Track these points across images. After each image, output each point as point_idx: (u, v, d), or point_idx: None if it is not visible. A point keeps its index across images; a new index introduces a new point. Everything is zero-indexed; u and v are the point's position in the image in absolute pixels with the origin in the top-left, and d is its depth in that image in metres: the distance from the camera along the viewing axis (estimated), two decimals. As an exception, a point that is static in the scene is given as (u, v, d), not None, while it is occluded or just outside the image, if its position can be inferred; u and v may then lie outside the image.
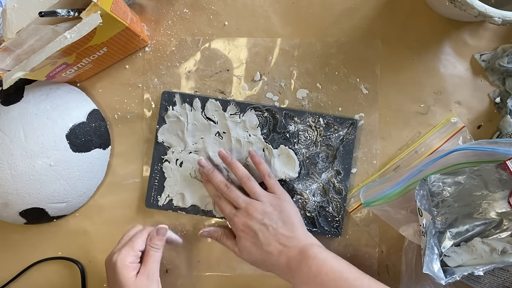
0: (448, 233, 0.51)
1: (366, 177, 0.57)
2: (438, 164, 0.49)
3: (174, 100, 0.57)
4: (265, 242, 0.49)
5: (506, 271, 0.47)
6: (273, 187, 0.53)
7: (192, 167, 0.57)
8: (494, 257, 0.48)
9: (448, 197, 0.50)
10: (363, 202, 0.53)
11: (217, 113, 0.57)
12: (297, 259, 0.47)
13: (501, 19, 0.44)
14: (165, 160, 0.57)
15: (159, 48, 0.59)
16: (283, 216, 0.50)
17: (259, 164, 0.54)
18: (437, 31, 0.56)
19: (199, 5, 0.59)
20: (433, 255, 0.45)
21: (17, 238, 0.60)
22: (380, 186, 0.53)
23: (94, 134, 0.57)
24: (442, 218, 0.52)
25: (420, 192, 0.47)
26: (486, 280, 0.48)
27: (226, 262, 0.58)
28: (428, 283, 0.50)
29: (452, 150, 0.48)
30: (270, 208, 0.51)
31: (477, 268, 0.44)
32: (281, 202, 0.52)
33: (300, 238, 0.49)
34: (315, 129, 0.56)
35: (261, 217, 0.50)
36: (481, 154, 0.47)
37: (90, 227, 0.59)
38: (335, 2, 0.57)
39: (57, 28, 0.45)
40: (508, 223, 0.50)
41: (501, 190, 0.49)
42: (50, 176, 0.53)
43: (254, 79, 0.58)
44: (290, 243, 0.49)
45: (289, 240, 0.49)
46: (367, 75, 0.57)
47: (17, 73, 0.46)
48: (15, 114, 0.54)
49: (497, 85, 0.56)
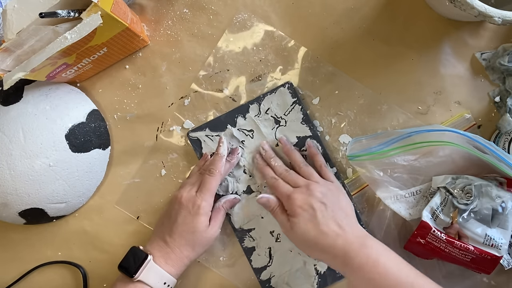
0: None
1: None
2: (431, 135, 0.50)
3: (203, 139, 0.58)
4: (323, 221, 0.48)
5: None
6: (329, 177, 0.53)
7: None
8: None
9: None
10: (347, 154, 0.54)
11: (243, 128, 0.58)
12: (355, 245, 0.46)
13: (501, 19, 0.44)
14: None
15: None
16: (341, 204, 0.50)
17: (315, 155, 0.55)
18: (437, 31, 0.56)
19: (199, 5, 0.58)
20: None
21: (16, 238, 0.60)
22: (367, 142, 0.54)
23: (93, 134, 0.57)
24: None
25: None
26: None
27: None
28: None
29: (451, 129, 0.49)
30: (330, 192, 0.51)
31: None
32: (339, 190, 0.52)
33: (357, 227, 0.49)
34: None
35: (321, 196, 0.49)
36: (474, 144, 0.48)
37: (90, 227, 0.59)
38: (335, 2, 0.57)
39: (58, 28, 0.45)
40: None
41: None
42: (49, 176, 0.53)
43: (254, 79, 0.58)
44: (348, 229, 0.47)
45: (347, 226, 0.48)
46: (367, 75, 0.57)
47: (17, 73, 0.45)
48: (15, 114, 0.53)
49: (497, 84, 0.56)
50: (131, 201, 0.59)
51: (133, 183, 0.59)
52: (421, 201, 0.52)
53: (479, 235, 0.48)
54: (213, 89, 0.58)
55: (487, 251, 0.47)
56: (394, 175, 0.53)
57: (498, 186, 0.49)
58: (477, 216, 0.48)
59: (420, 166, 0.52)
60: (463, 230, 0.49)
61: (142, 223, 0.59)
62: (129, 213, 0.59)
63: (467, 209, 0.48)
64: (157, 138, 0.59)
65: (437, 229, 0.49)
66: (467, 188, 0.49)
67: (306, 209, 0.49)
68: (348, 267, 0.45)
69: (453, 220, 0.49)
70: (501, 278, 0.53)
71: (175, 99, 0.59)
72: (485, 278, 0.53)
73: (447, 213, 0.49)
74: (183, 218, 0.51)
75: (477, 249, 0.47)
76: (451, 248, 0.48)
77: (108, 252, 0.59)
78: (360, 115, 0.57)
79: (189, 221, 0.51)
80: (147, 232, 0.59)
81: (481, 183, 0.49)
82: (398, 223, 0.54)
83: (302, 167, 0.54)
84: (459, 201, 0.49)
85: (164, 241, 0.51)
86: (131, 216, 0.59)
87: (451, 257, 0.49)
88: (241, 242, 0.57)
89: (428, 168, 0.52)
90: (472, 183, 0.49)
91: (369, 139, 0.54)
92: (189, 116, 0.59)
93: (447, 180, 0.50)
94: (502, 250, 0.47)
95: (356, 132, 0.57)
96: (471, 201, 0.48)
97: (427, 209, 0.50)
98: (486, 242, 0.48)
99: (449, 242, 0.48)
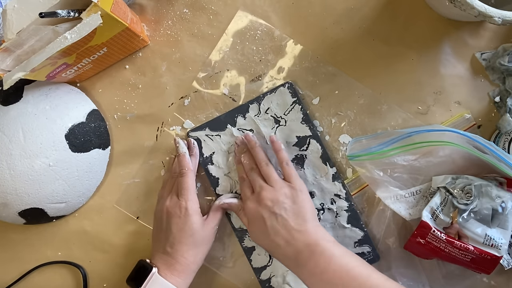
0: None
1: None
2: (431, 135, 0.50)
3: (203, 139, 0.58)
4: (273, 231, 0.48)
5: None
6: (290, 176, 0.52)
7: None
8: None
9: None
10: (347, 154, 0.54)
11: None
12: (304, 254, 0.46)
13: (501, 19, 0.44)
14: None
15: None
16: (295, 208, 0.49)
17: (278, 151, 0.54)
18: (437, 31, 0.56)
19: (199, 5, 0.58)
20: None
21: (16, 238, 0.60)
22: (367, 141, 0.54)
23: (93, 134, 0.57)
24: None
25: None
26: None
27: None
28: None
29: (451, 130, 0.49)
30: (283, 197, 0.50)
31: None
32: (296, 192, 0.50)
33: (310, 232, 0.48)
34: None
35: (271, 205, 0.49)
36: (474, 144, 0.48)
37: (90, 227, 0.59)
38: (335, 2, 0.57)
39: (58, 28, 0.45)
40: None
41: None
42: (49, 176, 0.53)
43: (254, 79, 0.58)
44: (298, 237, 0.47)
45: (298, 234, 0.48)
46: (367, 75, 0.57)
47: (17, 73, 0.45)
48: (14, 114, 0.53)
49: (497, 84, 0.56)
50: (131, 201, 0.59)
51: (133, 183, 0.59)
52: (421, 201, 0.52)
53: (479, 235, 0.48)
54: (213, 88, 0.58)
55: (487, 251, 0.47)
56: (394, 175, 0.53)
57: (498, 186, 0.49)
58: (477, 216, 0.49)
59: (420, 166, 0.52)
60: (463, 230, 0.49)
61: (142, 223, 0.59)
62: (129, 213, 0.59)
63: (467, 209, 0.48)
64: (157, 138, 0.59)
65: (437, 229, 0.49)
66: (467, 188, 0.49)
67: (257, 218, 0.50)
68: (301, 274, 0.47)
69: (453, 220, 0.49)
70: (501, 278, 0.53)
71: (175, 99, 0.59)
72: (485, 278, 0.53)
73: (447, 213, 0.49)
74: (176, 225, 0.51)
75: (477, 249, 0.47)
76: (451, 248, 0.48)
77: (108, 252, 0.59)
78: (360, 115, 0.57)
79: (183, 226, 0.51)
80: (147, 232, 0.59)
81: (481, 183, 0.49)
82: (398, 223, 0.54)
83: (262, 167, 0.53)
84: (459, 201, 0.49)
85: (166, 253, 0.51)
86: (131, 216, 0.59)
87: (451, 257, 0.49)
88: (241, 241, 0.57)
89: (428, 168, 0.52)
90: (472, 183, 0.49)
91: (369, 139, 0.54)
92: (189, 116, 0.59)
93: (447, 180, 0.50)
94: (502, 250, 0.47)
95: (356, 132, 0.57)
96: (471, 201, 0.48)
97: (427, 209, 0.50)
98: (486, 242, 0.48)
99: (449, 242, 0.48)
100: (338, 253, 0.46)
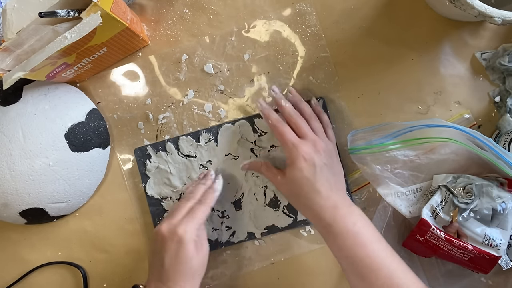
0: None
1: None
2: (431, 131, 0.50)
3: (148, 153, 0.58)
4: (320, 180, 0.48)
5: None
6: (333, 139, 0.54)
7: None
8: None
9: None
10: (348, 147, 0.54)
11: (192, 147, 0.57)
12: (343, 210, 0.46)
13: (501, 19, 0.44)
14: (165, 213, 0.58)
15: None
16: (335, 168, 0.51)
17: (321, 113, 0.55)
18: (437, 31, 0.56)
19: (199, 5, 0.58)
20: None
21: (17, 238, 0.60)
22: (368, 134, 0.54)
23: (93, 133, 0.56)
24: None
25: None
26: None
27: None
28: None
29: (451, 125, 0.49)
30: (330, 154, 0.51)
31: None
32: (336, 155, 0.53)
33: (345, 194, 0.50)
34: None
35: (324, 156, 0.49)
36: (474, 141, 0.48)
37: (90, 227, 0.59)
38: (335, 2, 0.57)
39: (57, 28, 0.45)
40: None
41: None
42: (49, 176, 0.53)
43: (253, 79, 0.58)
44: (339, 193, 0.48)
45: (339, 190, 0.49)
46: (367, 75, 0.57)
47: (17, 73, 0.45)
48: (14, 114, 0.53)
49: (497, 84, 0.56)
50: (131, 201, 0.59)
51: (133, 182, 0.59)
52: (422, 199, 0.52)
53: (478, 235, 0.48)
54: (213, 89, 0.58)
55: (485, 250, 0.48)
56: (395, 171, 0.53)
57: (499, 186, 0.49)
58: (477, 215, 0.49)
59: (421, 163, 0.52)
60: (462, 229, 0.49)
61: (142, 223, 0.59)
62: (129, 212, 0.59)
63: (467, 208, 0.49)
64: (157, 138, 0.59)
65: (437, 227, 0.49)
66: (467, 188, 0.49)
67: (309, 163, 0.48)
68: (327, 228, 0.46)
69: (453, 219, 0.49)
70: (499, 278, 0.53)
71: (175, 99, 0.59)
72: (483, 277, 0.53)
73: (447, 212, 0.50)
74: (169, 253, 0.47)
75: (475, 249, 0.48)
76: (449, 247, 0.48)
77: (108, 252, 0.59)
78: (360, 115, 0.57)
79: (175, 254, 0.47)
80: (147, 232, 0.59)
81: (482, 183, 0.49)
82: (398, 220, 0.55)
83: (312, 121, 0.53)
84: (460, 200, 0.49)
85: (162, 282, 0.47)
86: (131, 216, 0.59)
87: (450, 256, 0.49)
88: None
89: (429, 165, 0.52)
90: (473, 182, 0.49)
91: (369, 131, 0.54)
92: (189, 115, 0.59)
93: (448, 179, 0.50)
94: (501, 250, 0.48)
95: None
96: (471, 201, 0.48)
97: (427, 207, 0.50)
98: (485, 241, 0.48)
99: (448, 240, 0.48)
100: (368, 223, 0.47)
